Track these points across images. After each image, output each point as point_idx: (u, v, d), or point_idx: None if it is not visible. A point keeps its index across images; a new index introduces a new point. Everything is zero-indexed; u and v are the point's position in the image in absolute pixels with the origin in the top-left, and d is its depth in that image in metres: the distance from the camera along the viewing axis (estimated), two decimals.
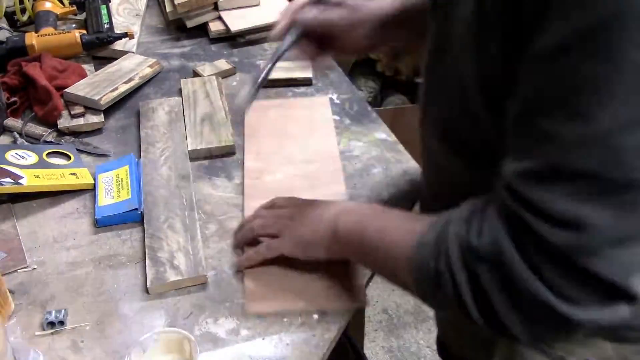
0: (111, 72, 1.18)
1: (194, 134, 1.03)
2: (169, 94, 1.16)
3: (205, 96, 1.12)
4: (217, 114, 1.07)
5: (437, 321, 0.88)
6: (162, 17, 1.46)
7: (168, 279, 0.76)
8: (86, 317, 0.73)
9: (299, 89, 1.17)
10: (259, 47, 1.34)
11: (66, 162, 0.98)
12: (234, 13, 1.39)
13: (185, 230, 0.84)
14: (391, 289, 1.93)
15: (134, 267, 0.80)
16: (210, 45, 1.34)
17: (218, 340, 0.71)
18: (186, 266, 0.78)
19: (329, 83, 1.19)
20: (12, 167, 0.91)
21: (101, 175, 0.94)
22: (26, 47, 1.20)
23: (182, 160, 0.97)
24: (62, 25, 1.37)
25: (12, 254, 0.82)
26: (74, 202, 0.91)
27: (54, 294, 0.77)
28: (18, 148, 0.97)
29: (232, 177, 0.96)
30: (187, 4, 1.34)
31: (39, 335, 0.71)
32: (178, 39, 1.37)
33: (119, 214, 0.86)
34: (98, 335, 0.71)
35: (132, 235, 0.85)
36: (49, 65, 1.15)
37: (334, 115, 1.09)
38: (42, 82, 1.09)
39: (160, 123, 1.06)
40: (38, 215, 0.89)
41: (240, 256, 0.80)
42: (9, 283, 0.77)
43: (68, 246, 0.84)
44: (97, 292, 0.77)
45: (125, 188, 0.90)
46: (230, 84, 1.21)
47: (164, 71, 1.24)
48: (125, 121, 1.10)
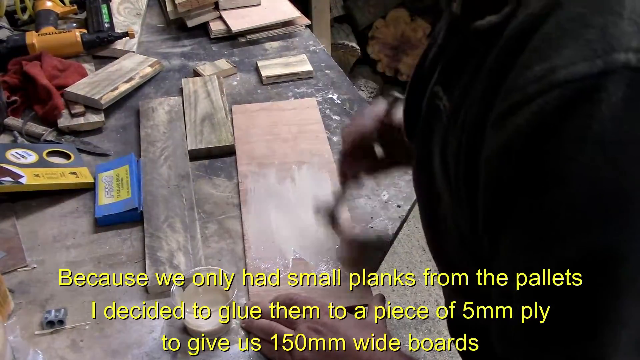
0: (111, 71, 1.18)
1: (194, 134, 1.02)
2: (169, 94, 1.16)
3: (206, 96, 1.12)
4: (217, 114, 1.07)
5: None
6: (163, 16, 1.46)
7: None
8: (86, 316, 0.73)
9: (300, 89, 1.18)
10: (260, 46, 1.34)
11: (66, 161, 0.98)
12: (234, 13, 1.39)
13: (185, 229, 0.84)
14: (391, 290, 1.93)
15: (134, 266, 0.80)
16: (210, 45, 1.34)
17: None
18: (186, 265, 0.78)
19: (329, 83, 1.19)
20: (12, 166, 0.91)
21: (101, 174, 0.94)
22: (27, 46, 1.20)
23: (182, 159, 0.97)
24: (62, 24, 1.37)
25: (12, 253, 0.81)
26: (74, 201, 0.91)
27: (53, 293, 0.77)
28: (18, 147, 0.97)
29: (232, 177, 0.96)
30: (188, 4, 1.34)
31: (38, 334, 0.71)
32: (178, 39, 1.37)
33: (119, 213, 0.86)
34: (97, 334, 0.71)
35: (132, 234, 0.85)
36: (49, 64, 1.15)
37: (334, 115, 1.09)
38: (43, 81, 1.09)
39: (160, 122, 1.06)
40: (38, 214, 0.89)
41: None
42: (8, 282, 0.77)
43: (68, 245, 0.84)
44: (97, 291, 0.77)
45: (125, 187, 0.90)
46: (231, 83, 1.21)
47: (165, 71, 1.24)
48: (125, 120, 1.10)
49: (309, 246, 0.82)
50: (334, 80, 1.20)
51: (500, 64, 0.43)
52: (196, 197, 0.91)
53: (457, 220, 0.52)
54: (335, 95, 1.15)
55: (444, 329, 1.80)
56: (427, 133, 0.56)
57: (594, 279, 0.39)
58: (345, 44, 2.37)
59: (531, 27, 0.41)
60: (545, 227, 0.40)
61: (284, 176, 0.94)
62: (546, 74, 0.38)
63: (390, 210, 0.88)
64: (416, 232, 2.09)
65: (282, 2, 1.45)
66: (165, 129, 1.04)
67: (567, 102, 0.37)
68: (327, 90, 1.17)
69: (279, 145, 1.01)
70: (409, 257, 2.04)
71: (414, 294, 1.92)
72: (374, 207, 0.89)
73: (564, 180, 0.38)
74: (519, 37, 0.41)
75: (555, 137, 0.38)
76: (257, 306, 0.72)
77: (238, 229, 0.86)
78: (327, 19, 2.23)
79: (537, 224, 0.40)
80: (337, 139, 1.03)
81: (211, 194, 0.92)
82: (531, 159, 0.39)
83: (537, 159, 0.39)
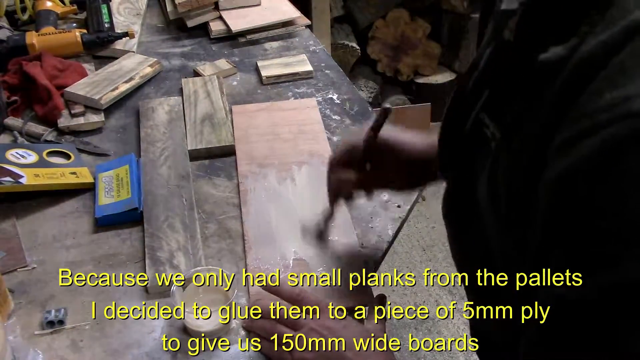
0: (111, 71, 1.18)
1: (194, 134, 1.03)
2: (169, 94, 1.16)
3: (206, 96, 1.12)
4: (217, 114, 1.07)
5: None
6: (163, 16, 1.46)
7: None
8: (86, 316, 0.73)
9: (300, 89, 1.18)
10: (260, 46, 1.34)
11: (66, 161, 0.98)
12: (234, 13, 1.39)
13: (185, 229, 0.84)
14: (391, 290, 1.93)
15: (134, 266, 0.80)
16: (210, 45, 1.34)
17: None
18: (186, 265, 0.78)
19: (329, 83, 1.19)
20: (12, 166, 0.91)
21: (101, 174, 0.94)
22: (27, 46, 1.21)
23: (182, 159, 0.97)
24: (62, 24, 1.37)
25: (12, 253, 0.81)
26: (74, 201, 0.91)
27: (53, 293, 0.77)
28: (18, 147, 0.97)
29: (232, 177, 0.96)
30: (188, 4, 1.34)
31: (38, 334, 0.71)
32: (178, 39, 1.37)
33: (119, 213, 0.86)
34: (97, 334, 0.71)
35: (132, 234, 0.85)
36: (49, 64, 1.15)
37: (334, 115, 1.09)
38: (43, 81, 1.09)
39: (160, 122, 1.06)
40: (38, 214, 0.89)
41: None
42: (8, 282, 0.77)
43: (68, 245, 0.84)
44: (97, 291, 0.77)
45: (125, 187, 0.90)
46: (231, 83, 1.21)
47: (165, 71, 1.24)
48: (125, 120, 1.10)
49: (309, 246, 0.82)
50: (334, 81, 1.20)
51: (568, 90, 0.42)
52: (196, 197, 0.91)
53: (502, 247, 0.52)
54: (335, 96, 1.15)
55: (444, 329, 1.80)
56: (469, 162, 0.56)
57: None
58: (345, 44, 2.37)
59: (604, 54, 0.40)
60: (599, 248, 0.40)
61: (284, 176, 0.94)
62: (619, 103, 0.37)
63: (390, 210, 0.88)
64: (416, 232, 2.09)
65: (282, 2, 1.45)
66: (165, 129, 1.04)
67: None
68: (327, 91, 1.17)
69: (279, 146, 1.01)
70: (409, 257, 2.04)
71: (414, 294, 1.92)
72: (374, 207, 0.89)
73: (626, 205, 0.38)
74: (591, 64, 0.41)
75: (623, 165, 0.37)
76: (257, 306, 0.72)
77: (238, 229, 0.86)
78: (327, 19, 2.23)
79: (592, 245, 0.40)
80: (337, 139, 1.03)
81: (211, 194, 0.92)
82: (596, 185, 0.39)
83: (601, 186, 0.38)
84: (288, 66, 1.22)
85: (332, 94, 1.16)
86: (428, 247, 2.04)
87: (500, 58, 0.53)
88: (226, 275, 0.72)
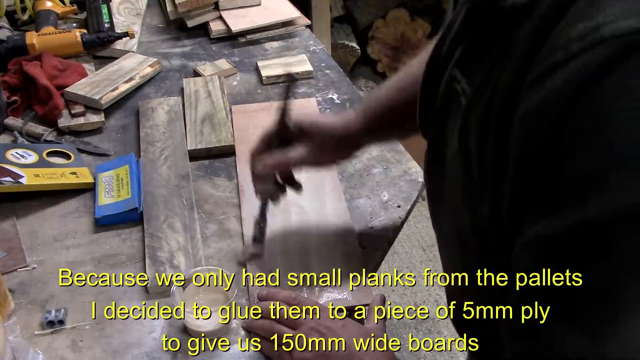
0: (112, 71, 1.18)
1: (194, 134, 1.03)
2: (170, 94, 1.16)
3: (206, 96, 1.12)
4: (218, 114, 1.07)
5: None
6: (163, 16, 1.46)
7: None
8: (86, 316, 0.73)
9: (300, 89, 1.18)
10: (260, 46, 1.34)
11: (66, 161, 0.98)
12: (234, 13, 1.39)
13: (185, 229, 0.84)
14: (391, 290, 1.93)
15: (134, 266, 0.80)
16: (210, 45, 1.34)
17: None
18: (186, 265, 0.78)
19: (329, 83, 1.19)
20: (12, 166, 0.91)
21: (101, 174, 0.94)
22: (27, 46, 1.20)
23: (182, 159, 0.97)
24: (62, 24, 1.37)
25: (12, 253, 0.81)
26: (74, 201, 0.91)
27: (53, 293, 0.77)
28: (18, 147, 0.97)
29: (232, 177, 0.96)
30: (188, 4, 1.34)
31: (38, 334, 0.71)
32: (179, 39, 1.37)
33: (119, 213, 0.86)
34: (98, 334, 0.71)
35: (132, 234, 0.85)
36: (49, 64, 1.15)
37: None
38: (43, 81, 1.09)
39: (160, 122, 1.06)
40: (38, 214, 0.89)
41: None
42: (8, 282, 0.77)
43: (68, 245, 0.84)
44: (97, 291, 0.77)
45: (125, 187, 0.90)
46: (231, 83, 1.21)
47: (165, 71, 1.24)
48: (125, 120, 1.10)
49: (309, 246, 0.82)
50: (334, 81, 1.20)
51: (539, 30, 0.41)
52: (196, 197, 0.91)
53: (470, 209, 0.51)
54: (335, 95, 1.15)
55: (444, 329, 1.80)
56: (442, 120, 0.55)
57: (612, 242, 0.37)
58: (345, 44, 2.37)
59: None
60: (576, 183, 0.38)
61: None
62: (590, 32, 0.37)
63: (390, 210, 0.88)
64: (416, 232, 2.09)
65: (282, 2, 1.45)
66: (165, 129, 1.04)
67: (612, 57, 0.35)
68: (327, 90, 1.17)
69: None
70: (409, 257, 2.04)
71: (414, 294, 1.92)
72: (374, 207, 0.89)
73: (603, 130, 0.36)
74: (560, 3, 0.40)
75: (598, 90, 0.36)
76: (257, 306, 0.72)
77: (238, 229, 0.86)
78: (327, 19, 2.23)
79: (568, 181, 0.39)
80: None
81: (211, 194, 0.92)
82: (570, 116, 0.37)
83: (576, 116, 0.37)
84: (288, 66, 1.22)
85: (332, 94, 1.16)
86: (428, 247, 2.04)
87: (470, 17, 0.53)
88: (226, 275, 0.72)
